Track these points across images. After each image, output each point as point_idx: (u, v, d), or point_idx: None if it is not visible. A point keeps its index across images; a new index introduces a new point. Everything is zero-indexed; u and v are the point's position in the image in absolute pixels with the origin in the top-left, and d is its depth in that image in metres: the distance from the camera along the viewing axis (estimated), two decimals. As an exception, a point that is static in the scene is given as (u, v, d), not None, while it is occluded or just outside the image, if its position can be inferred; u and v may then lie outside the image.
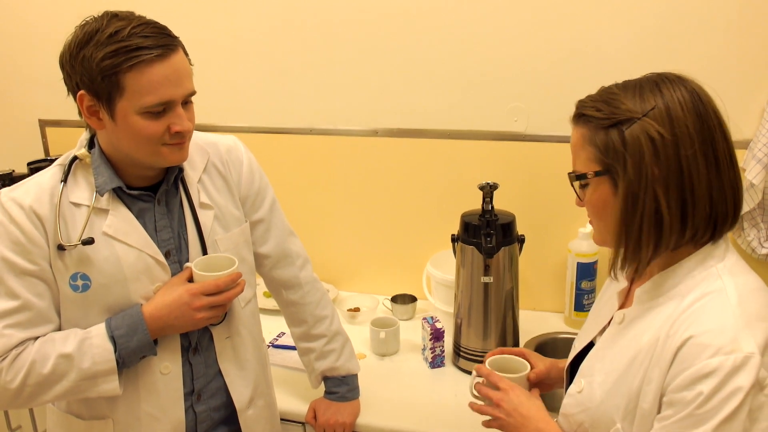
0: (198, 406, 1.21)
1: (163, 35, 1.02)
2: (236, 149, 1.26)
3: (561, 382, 1.18)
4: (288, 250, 1.35)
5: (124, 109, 1.01)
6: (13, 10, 2.16)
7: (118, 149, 1.08)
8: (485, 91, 1.77)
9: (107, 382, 1.08)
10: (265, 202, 1.30)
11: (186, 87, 1.05)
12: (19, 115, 2.29)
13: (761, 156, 1.54)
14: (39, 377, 1.05)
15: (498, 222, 1.53)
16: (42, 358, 1.05)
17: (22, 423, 1.81)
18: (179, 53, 1.04)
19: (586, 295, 1.76)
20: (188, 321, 1.10)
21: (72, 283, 1.09)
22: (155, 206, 1.14)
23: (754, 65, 1.57)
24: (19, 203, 1.06)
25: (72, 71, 1.06)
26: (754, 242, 1.62)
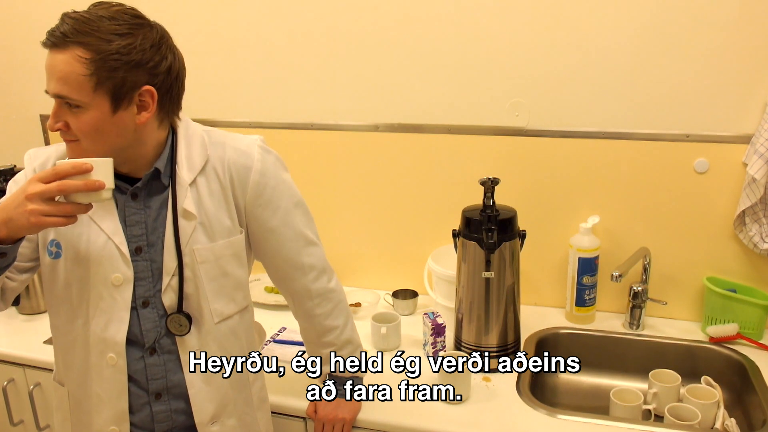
0: (156, 405, 1.19)
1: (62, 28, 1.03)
2: (248, 154, 1.18)
3: None
4: (300, 262, 1.27)
5: None
6: (13, 4, 2.16)
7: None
8: (486, 86, 1.77)
9: None
10: (278, 213, 1.22)
11: (50, 86, 1.03)
12: (20, 110, 2.29)
13: (763, 151, 1.54)
14: None
15: (499, 217, 1.53)
16: None
17: (24, 417, 1.81)
18: (63, 54, 1.01)
19: (588, 290, 1.76)
20: (22, 212, 0.98)
21: (48, 248, 1.14)
22: (129, 200, 1.14)
23: (756, 60, 1.56)
24: (32, 161, 1.17)
25: None
26: (756, 237, 1.62)
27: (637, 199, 1.74)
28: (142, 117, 1.07)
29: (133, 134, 1.08)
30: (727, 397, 1.56)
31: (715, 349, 1.65)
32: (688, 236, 1.73)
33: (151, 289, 1.15)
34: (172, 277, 1.15)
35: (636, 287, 1.73)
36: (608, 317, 1.82)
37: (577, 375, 1.74)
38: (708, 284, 1.69)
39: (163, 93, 1.08)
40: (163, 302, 1.16)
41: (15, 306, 1.96)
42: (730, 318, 1.67)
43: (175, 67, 1.10)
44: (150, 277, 1.15)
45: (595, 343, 1.74)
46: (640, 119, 1.68)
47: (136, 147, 1.10)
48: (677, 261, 1.75)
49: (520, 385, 1.51)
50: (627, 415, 1.46)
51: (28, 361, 1.73)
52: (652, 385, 1.53)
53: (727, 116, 1.62)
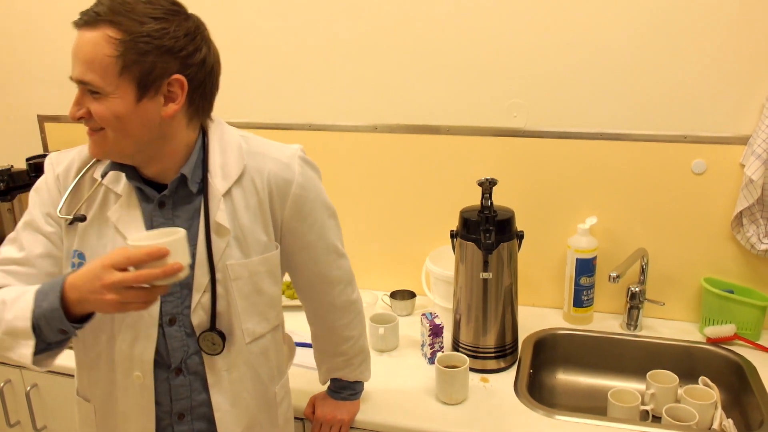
0: (179, 426, 1.13)
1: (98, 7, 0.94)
2: (289, 166, 1.11)
3: None
4: (330, 276, 1.23)
5: None
6: (12, 5, 2.16)
7: None
8: (485, 87, 1.77)
9: (24, 345, 0.97)
10: (315, 227, 1.16)
11: (74, 70, 0.95)
12: (17, 111, 2.29)
13: (760, 152, 1.54)
14: None
15: (497, 218, 1.53)
16: None
17: (21, 418, 1.81)
18: (92, 32, 0.93)
19: (585, 291, 1.76)
20: (98, 299, 0.92)
21: (71, 259, 1.08)
22: (156, 209, 1.06)
23: (754, 62, 1.57)
24: (54, 167, 1.11)
25: None
26: (753, 238, 1.63)
27: (635, 200, 1.74)
28: (169, 109, 0.99)
29: (159, 128, 1.00)
30: (725, 398, 1.57)
31: (713, 350, 1.65)
32: (685, 237, 1.73)
33: (179, 305, 1.07)
34: (203, 293, 1.06)
35: (633, 288, 1.73)
36: (606, 318, 1.82)
37: (575, 376, 1.75)
38: (705, 285, 1.69)
39: (195, 87, 1.00)
40: (192, 320, 1.07)
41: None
42: (727, 319, 1.67)
43: (210, 61, 1.02)
44: (178, 293, 1.07)
45: (592, 343, 1.74)
46: (637, 120, 1.69)
47: (162, 144, 1.02)
48: (675, 262, 1.75)
49: (518, 386, 1.51)
50: (625, 415, 1.46)
51: (25, 362, 1.73)
52: (650, 385, 1.54)
53: (724, 117, 1.62)
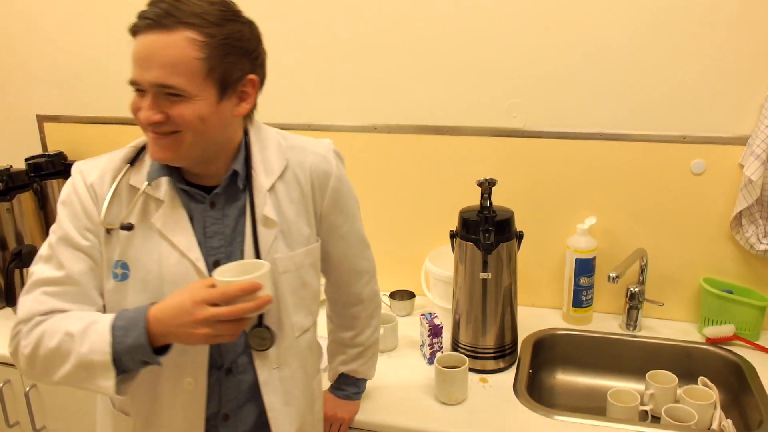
0: (223, 427, 1.12)
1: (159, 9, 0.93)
2: (327, 160, 1.13)
3: None
4: (359, 267, 1.26)
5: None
6: (12, 4, 2.16)
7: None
8: (484, 87, 1.77)
9: (104, 378, 0.95)
10: (348, 218, 1.19)
11: (150, 74, 0.93)
12: (16, 111, 2.29)
13: (759, 152, 1.54)
14: (46, 351, 0.97)
15: (496, 218, 1.53)
16: (52, 331, 0.97)
17: (20, 419, 1.81)
18: (170, 36, 0.92)
19: (585, 291, 1.76)
20: (190, 333, 0.93)
21: (113, 270, 1.03)
22: (208, 209, 1.05)
23: (753, 62, 1.57)
24: (84, 177, 1.05)
25: None
26: (752, 238, 1.63)
27: (634, 200, 1.74)
28: (242, 108, 1.01)
29: (229, 128, 1.02)
30: (724, 398, 1.57)
31: (712, 350, 1.65)
32: (684, 237, 1.73)
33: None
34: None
35: (633, 288, 1.73)
36: (605, 318, 1.82)
37: (574, 376, 1.75)
38: (705, 285, 1.69)
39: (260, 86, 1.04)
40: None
41: (11, 307, 1.95)
42: (726, 319, 1.67)
43: (266, 65, 1.06)
44: None
45: (592, 344, 1.74)
46: (637, 120, 1.69)
47: (225, 143, 1.03)
48: (674, 262, 1.75)
49: (517, 386, 1.51)
50: (624, 416, 1.46)
51: (24, 362, 1.73)
52: (649, 386, 1.54)
53: (723, 118, 1.63)
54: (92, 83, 2.16)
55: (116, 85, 2.12)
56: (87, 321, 0.98)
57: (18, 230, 2.09)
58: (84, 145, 2.24)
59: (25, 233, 2.10)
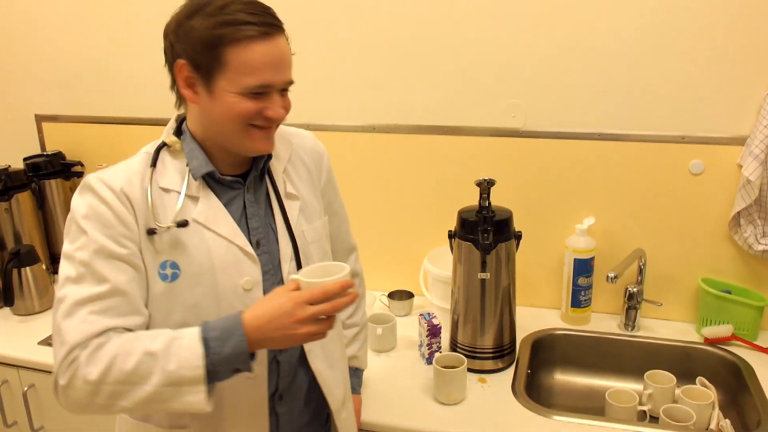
0: (280, 407, 1.13)
1: (269, 15, 1.01)
2: (318, 142, 1.26)
3: None
4: (349, 243, 1.37)
5: (223, 86, 0.98)
6: (11, 4, 2.16)
7: (208, 129, 1.05)
8: (483, 87, 1.77)
9: (193, 392, 0.93)
10: (338, 196, 1.31)
11: (286, 74, 1.02)
12: (15, 110, 2.29)
13: (758, 152, 1.54)
14: (120, 374, 0.92)
15: (495, 218, 1.53)
16: (125, 353, 0.93)
17: (18, 419, 1.81)
18: (283, 37, 1.02)
19: (583, 291, 1.76)
20: (290, 334, 0.95)
21: (161, 272, 1.02)
22: (245, 194, 1.10)
23: (751, 62, 1.57)
24: (109, 185, 1.00)
25: (176, 40, 1.01)
26: (750, 239, 1.63)
27: (633, 200, 1.74)
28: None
29: None
30: (722, 398, 1.57)
31: (710, 350, 1.66)
32: (683, 237, 1.73)
33: (275, 282, 1.10)
34: (290, 262, 1.11)
35: (631, 288, 1.73)
36: (604, 318, 1.82)
37: (573, 376, 1.75)
38: (703, 285, 1.69)
39: None
40: None
41: (9, 307, 1.95)
42: (724, 319, 1.67)
43: None
44: (271, 269, 1.10)
45: (590, 344, 1.74)
46: (635, 121, 1.69)
47: None
48: (672, 262, 1.75)
49: (516, 386, 1.51)
50: (622, 416, 1.46)
51: (22, 363, 1.73)
52: (648, 386, 1.54)
53: (722, 118, 1.63)
54: (91, 83, 2.16)
55: (115, 85, 2.12)
56: (166, 338, 0.95)
57: (16, 230, 2.08)
58: (82, 145, 2.24)
59: (23, 233, 2.10)
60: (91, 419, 1.71)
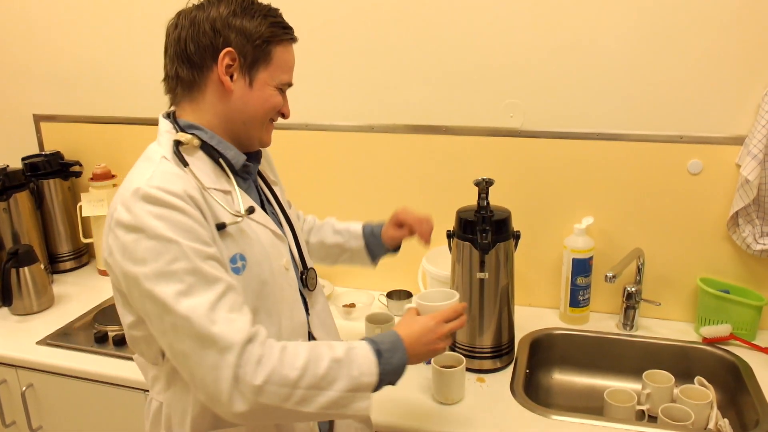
0: None
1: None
2: None
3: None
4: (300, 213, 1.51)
5: (264, 79, 1.08)
6: (10, 3, 2.15)
7: (231, 119, 1.09)
8: (481, 87, 1.77)
9: (365, 398, 1.00)
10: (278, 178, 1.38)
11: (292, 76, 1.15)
12: (13, 110, 2.28)
13: (756, 152, 1.54)
14: (313, 379, 0.95)
15: (493, 218, 1.53)
16: (316, 358, 0.97)
17: (16, 418, 1.80)
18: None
19: (582, 291, 1.77)
20: (433, 348, 1.11)
21: (233, 266, 1.02)
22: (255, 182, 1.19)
23: (749, 62, 1.57)
24: (172, 191, 0.95)
25: (224, 30, 1.05)
26: (749, 238, 1.63)
27: (631, 200, 1.74)
28: None
29: None
30: (721, 398, 1.57)
31: (709, 350, 1.66)
32: (681, 237, 1.73)
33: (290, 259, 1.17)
34: (291, 240, 1.21)
35: (630, 288, 1.73)
36: (602, 318, 1.82)
37: (571, 376, 1.75)
38: (701, 285, 1.70)
39: None
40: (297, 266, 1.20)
41: (7, 307, 1.95)
42: (723, 319, 1.67)
43: None
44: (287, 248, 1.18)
45: (589, 343, 1.74)
46: (634, 120, 1.69)
47: None
48: (671, 262, 1.75)
49: (515, 386, 1.51)
50: (621, 415, 1.46)
51: (20, 362, 1.73)
52: (646, 385, 1.54)
53: (720, 118, 1.63)
54: (89, 83, 2.15)
55: (113, 84, 2.12)
56: (343, 346, 1.02)
57: (15, 230, 2.08)
58: (81, 145, 2.23)
59: (21, 233, 2.09)
60: (90, 419, 1.71)
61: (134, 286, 0.95)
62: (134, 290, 0.96)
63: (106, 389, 1.64)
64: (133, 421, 1.64)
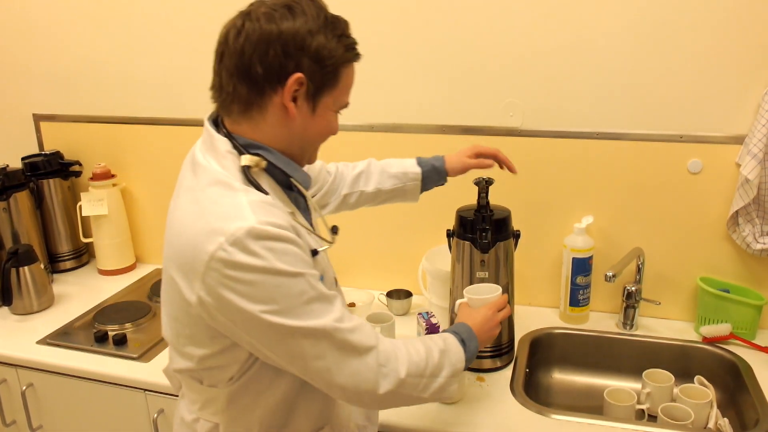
0: None
1: None
2: None
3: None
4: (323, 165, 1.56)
5: (327, 103, 1.03)
6: (8, 3, 2.15)
7: (291, 143, 1.03)
8: (481, 86, 1.77)
9: (456, 382, 1.12)
10: None
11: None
12: (13, 110, 2.28)
13: (756, 151, 1.54)
14: (432, 368, 1.07)
15: (493, 217, 1.53)
16: (429, 350, 1.08)
17: (16, 418, 1.81)
18: None
19: (581, 291, 1.77)
20: (491, 335, 1.25)
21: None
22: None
23: (749, 61, 1.57)
24: (280, 224, 0.94)
25: (297, 53, 0.97)
26: (749, 237, 1.63)
27: (631, 199, 1.74)
28: None
29: None
30: (720, 397, 1.57)
31: (709, 349, 1.66)
32: (681, 236, 1.73)
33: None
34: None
35: (629, 287, 1.73)
36: (602, 317, 1.82)
37: (571, 375, 1.75)
38: (701, 284, 1.70)
39: None
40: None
41: (7, 306, 1.95)
42: (723, 318, 1.67)
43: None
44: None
45: (588, 343, 1.74)
46: (634, 120, 1.69)
47: None
48: (671, 261, 1.75)
49: (514, 385, 1.51)
50: (620, 414, 1.46)
51: (20, 362, 1.73)
52: (646, 384, 1.54)
53: (720, 117, 1.63)
54: (89, 82, 2.15)
55: (113, 84, 2.12)
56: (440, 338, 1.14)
57: (14, 230, 2.08)
58: (80, 145, 2.23)
59: (21, 233, 2.09)
60: (90, 419, 1.71)
61: (255, 323, 0.94)
62: (254, 327, 0.94)
63: (106, 389, 1.64)
64: (133, 420, 1.64)
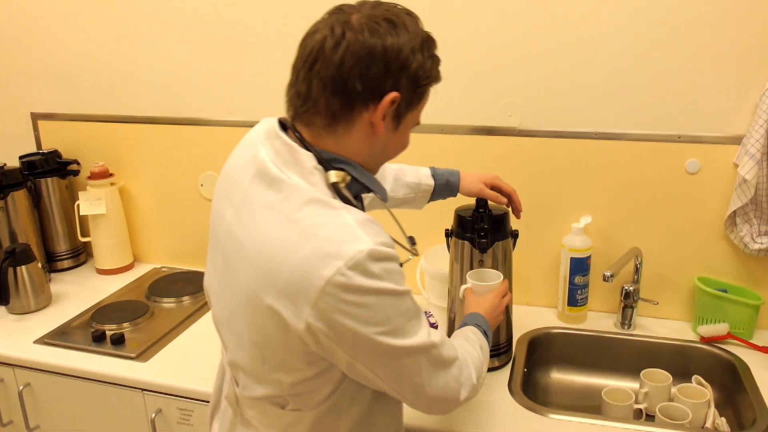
0: None
1: None
2: None
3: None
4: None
5: (409, 122, 1.00)
6: (7, 2, 2.15)
7: (368, 160, 1.01)
8: (479, 86, 1.77)
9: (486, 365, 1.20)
10: None
11: None
12: (10, 108, 2.28)
13: (754, 152, 1.55)
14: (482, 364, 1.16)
15: (492, 217, 1.53)
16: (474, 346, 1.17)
17: (13, 418, 1.80)
18: None
19: (579, 290, 1.77)
20: (499, 320, 1.33)
21: None
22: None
23: (747, 61, 1.57)
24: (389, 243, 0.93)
25: (398, 73, 0.94)
26: (746, 238, 1.63)
27: (629, 199, 1.74)
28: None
29: None
30: (718, 397, 1.57)
31: (706, 349, 1.66)
32: (679, 236, 1.73)
33: None
34: None
35: (627, 287, 1.73)
36: (600, 317, 1.82)
37: (569, 375, 1.75)
38: (699, 284, 1.70)
39: None
40: None
41: (5, 306, 1.94)
42: (720, 318, 1.68)
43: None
44: None
45: (586, 342, 1.74)
46: (632, 120, 1.69)
47: None
48: (669, 261, 1.76)
49: (512, 385, 1.51)
50: (618, 414, 1.47)
51: (17, 361, 1.72)
52: (644, 384, 1.54)
53: (718, 117, 1.63)
54: (87, 81, 2.15)
55: (111, 83, 2.12)
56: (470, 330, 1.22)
57: (12, 229, 2.08)
58: (79, 144, 2.23)
59: (19, 232, 2.09)
60: (87, 418, 1.70)
61: (365, 345, 0.92)
62: (362, 348, 0.92)
63: (104, 388, 1.64)
64: (131, 420, 1.64)
